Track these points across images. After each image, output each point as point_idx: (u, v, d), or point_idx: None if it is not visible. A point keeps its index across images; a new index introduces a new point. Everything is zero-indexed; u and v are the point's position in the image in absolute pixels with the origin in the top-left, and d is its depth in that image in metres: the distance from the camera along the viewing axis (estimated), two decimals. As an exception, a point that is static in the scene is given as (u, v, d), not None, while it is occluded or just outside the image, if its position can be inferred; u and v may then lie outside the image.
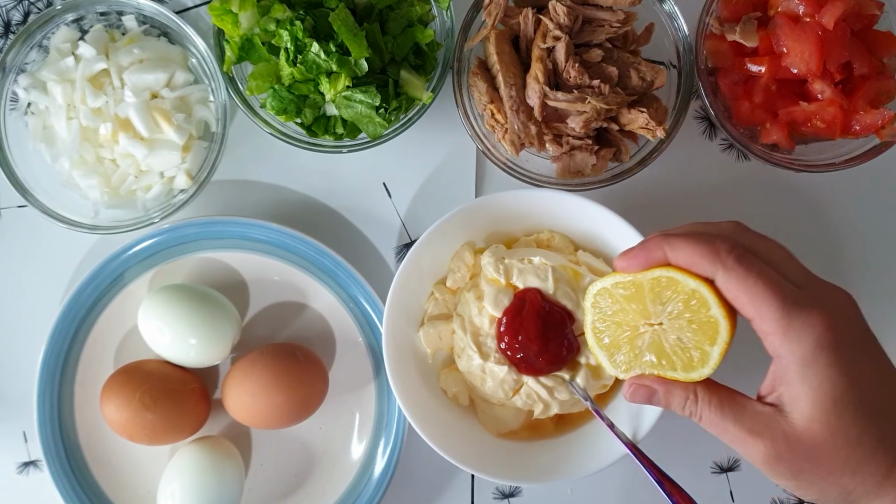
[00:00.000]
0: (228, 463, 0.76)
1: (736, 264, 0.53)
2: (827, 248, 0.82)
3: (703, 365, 0.56)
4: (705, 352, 0.56)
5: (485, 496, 0.82)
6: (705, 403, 0.56)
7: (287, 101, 0.72)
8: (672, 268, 0.57)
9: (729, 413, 0.55)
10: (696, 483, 0.81)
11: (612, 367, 0.62)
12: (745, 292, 0.53)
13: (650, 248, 0.57)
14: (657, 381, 0.59)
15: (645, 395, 0.59)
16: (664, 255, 0.56)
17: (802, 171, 0.75)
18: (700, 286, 0.55)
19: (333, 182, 0.81)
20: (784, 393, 0.53)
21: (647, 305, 0.58)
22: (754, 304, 0.52)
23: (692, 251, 0.55)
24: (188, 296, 0.75)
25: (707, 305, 0.55)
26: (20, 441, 0.81)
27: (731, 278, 0.53)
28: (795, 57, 0.71)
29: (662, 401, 0.59)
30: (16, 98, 0.77)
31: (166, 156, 0.75)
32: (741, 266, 0.53)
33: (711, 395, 0.56)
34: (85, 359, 0.78)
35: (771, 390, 0.54)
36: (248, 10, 0.70)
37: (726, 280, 0.54)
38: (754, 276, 0.53)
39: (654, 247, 0.57)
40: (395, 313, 0.73)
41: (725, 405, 0.55)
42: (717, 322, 0.55)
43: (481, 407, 0.76)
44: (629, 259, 0.59)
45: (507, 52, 0.73)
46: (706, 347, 0.56)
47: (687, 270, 0.56)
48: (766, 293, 0.52)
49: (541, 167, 0.76)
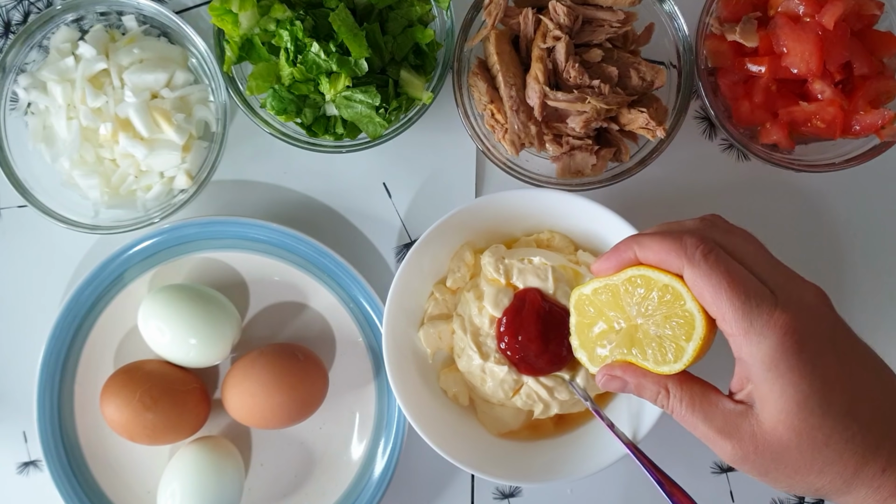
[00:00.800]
0: (228, 463, 0.76)
1: (702, 260, 0.53)
2: (827, 248, 0.82)
3: (677, 360, 0.56)
4: (680, 347, 0.56)
5: (485, 496, 0.82)
6: (676, 399, 0.56)
7: (287, 101, 0.72)
8: (643, 266, 0.57)
9: (699, 411, 0.55)
10: (696, 483, 0.81)
11: (591, 365, 0.63)
12: (709, 290, 0.52)
13: (621, 250, 0.58)
14: (629, 372, 0.58)
15: (617, 385, 0.59)
16: (634, 254, 0.57)
17: (802, 171, 0.75)
18: (673, 280, 0.55)
19: (333, 182, 0.81)
20: (753, 392, 0.53)
21: (624, 306, 0.59)
22: (717, 303, 0.52)
23: (659, 248, 0.55)
24: (188, 296, 0.75)
25: (682, 299, 0.55)
26: (20, 441, 0.81)
27: (696, 275, 0.53)
28: (795, 57, 0.71)
29: (634, 391, 0.58)
30: (16, 98, 0.77)
31: (166, 156, 0.75)
32: (706, 262, 0.52)
33: (683, 390, 0.56)
34: (85, 359, 0.78)
35: (740, 388, 0.54)
36: (248, 10, 0.70)
37: (692, 276, 0.53)
38: (718, 274, 0.52)
39: (624, 248, 0.57)
40: (395, 313, 0.73)
41: (696, 402, 0.55)
42: (692, 316, 0.55)
43: (481, 407, 0.76)
44: (603, 262, 0.59)
45: (507, 52, 0.73)
46: (682, 343, 0.56)
47: (658, 268, 0.56)
48: (728, 292, 0.51)
49: (541, 167, 0.76)
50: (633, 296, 0.58)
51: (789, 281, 0.54)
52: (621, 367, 0.59)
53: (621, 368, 0.59)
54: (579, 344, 0.64)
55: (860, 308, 0.82)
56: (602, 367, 0.60)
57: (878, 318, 0.82)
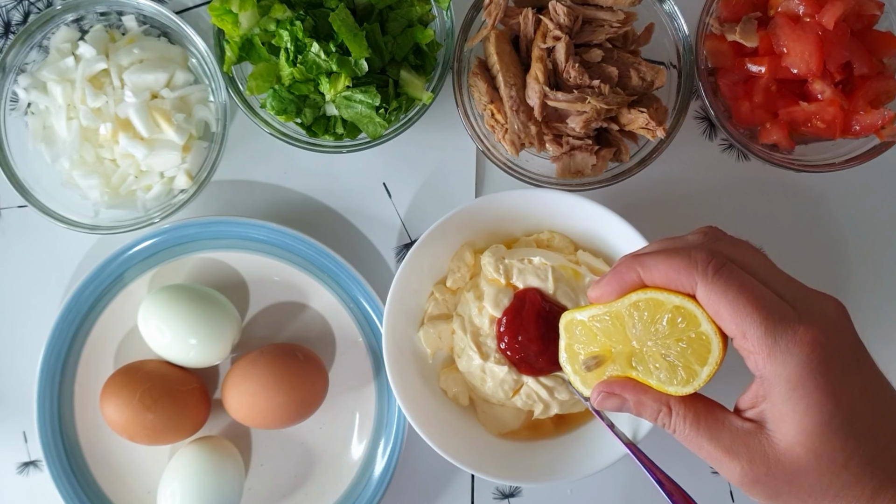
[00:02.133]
0: (228, 463, 0.76)
1: (715, 276, 0.49)
2: (827, 248, 0.82)
3: (688, 383, 0.52)
4: (693, 370, 0.52)
5: (485, 496, 0.82)
6: (679, 417, 0.53)
7: (287, 101, 0.72)
8: (649, 289, 0.53)
9: (705, 430, 0.52)
10: (696, 483, 0.81)
11: (584, 388, 0.59)
12: (727, 307, 0.49)
13: (622, 272, 0.53)
14: (628, 388, 0.55)
15: (614, 404, 0.56)
16: (638, 276, 0.53)
17: (802, 171, 0.75)
18: (685, 301, 0.51)
19: (333, 182, 0.81)
20: (767, 411, 0.50)
21: (629, 333, 0.54)
22: (736, 320, 0.49)
23: (667, 267, 0.51)
24: (188, 296, 0.75)
25: (696, 322, 0.51)
26: (20, 441, 0.81)
27: (710, 291, 0.49)
28: (795, 57, 0.71)
29: (633, 410, 0.55)
30: (16, 98, 0.77)
31: (166, 156, 0.75)
32: (720, 278, 0.49)
33: (686, 407, 0.53)
34: (85, 359, 0.78)
35: (752, 405, 0.51)
36: (248, 10, 0.70)
37: (706, 294, 0.50)
38: (735, 289, 0.49)
39: (625, 269, 0.53)
40: (395, 313, 0.73)
41: (702, 420, 0.52)
42: (708, 339, 0.51)
43: (481, 407, 0.76)
44: (602, 287, 0.55)
45: (507, 52, 0.73)
46: (695, 367, 0.52)
47: (666, 289, 0.52)
48: (748, 308, 0.48)
49: (541, 167, 0.76)
50: (640, 321, 0.53)
51: (807, 294, 0.51)
52: (620, 384, 0.55)
53: (620, 385, 0.55)
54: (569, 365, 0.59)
55: (860, 308, 0.82)
56: (598, 384, 0.57)
57: (879, 318, 0.82)
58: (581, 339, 0.59)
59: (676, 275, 0.51)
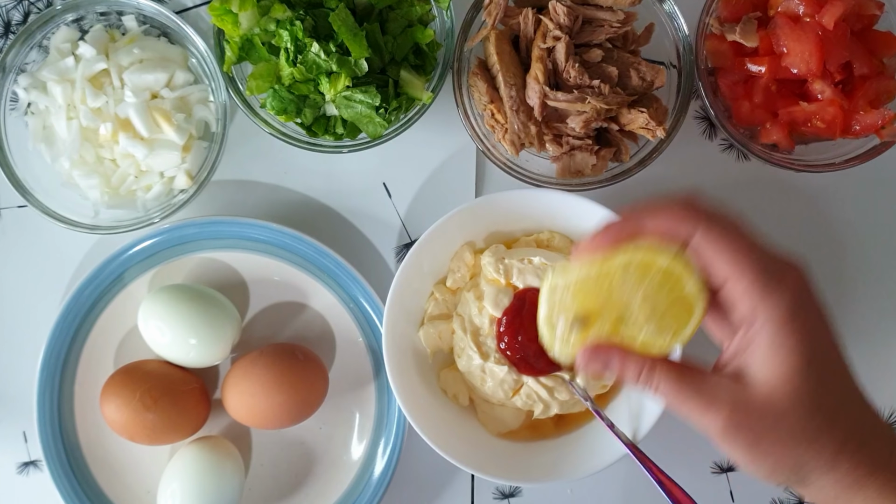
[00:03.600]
0: (228, 463, 0.76)
1: (716, 220, 0.52)
2: (827, 248, 0.82)
3: (671, 342, 0.55)
4: (676, 329, 0.55)
5: (485, 496, 0.82)
6: (662, 374, 0.54)
7: (287, 101, 0.72)
8: (640, 249, 0.54)
9: (688, 384, 0.53)
10: (696, 483, 0.81)
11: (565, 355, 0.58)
12: (727, 248, 0.51)
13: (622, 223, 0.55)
14: (613, 350, 0.56)
15: (599, 365, 0.57)
16: (635, 225, 0.54)
17: (802, 171, 0.75)
18: (672, 262, 0.53)
19: (333, 182, 0.81)
20: (748, 360, 0.52)
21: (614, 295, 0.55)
22: (736, 259, 0.51)
23: (668, 213, 0.53)
24: (188, 296, 0.75)
25: (681, 283, 0.53)
26: (20, 441, 0.81)
27: (712, 233, 0.52)
28: (795, 57, 0.71)
29: (617, 366, 0.56)
30: (16, 98, 0.77)
31: (166, 156, 0.75)
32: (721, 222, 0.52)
33: (669, 366, 0.55)
34: (85, 359, 0.78)
35: (731, 359, 0.53)
36: (248, 10, 0.70)
37: (706, 237, 0.52)
38: (734, 232, 0.52)
39: (624, 218, 0.55)
40: (395, 313, 0.73)
41: (685, 376, 0.54)
42: (691, 299, 0.53)
43: (481, 407, 0.76)
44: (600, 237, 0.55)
45: (507, 52, 0.73)
46: (678, 325, 0.54)
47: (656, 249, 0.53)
48: (746, 250, 0.51)
49: (541, 167, 0.76)
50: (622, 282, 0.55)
51: (779, 251, 0.54)
52: (604, 346, 0.56)
53: (604, 347, 0.56)
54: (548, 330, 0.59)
55: (860, 308, 0.82)
56: (583, 349, 0.57)
57: (878, 318, 0.82)
58: (563, 305, 0.58)
59: (678, 221, 0.53)
